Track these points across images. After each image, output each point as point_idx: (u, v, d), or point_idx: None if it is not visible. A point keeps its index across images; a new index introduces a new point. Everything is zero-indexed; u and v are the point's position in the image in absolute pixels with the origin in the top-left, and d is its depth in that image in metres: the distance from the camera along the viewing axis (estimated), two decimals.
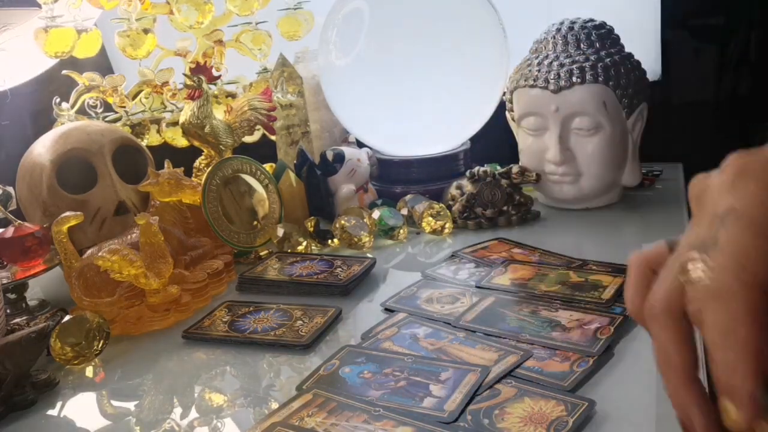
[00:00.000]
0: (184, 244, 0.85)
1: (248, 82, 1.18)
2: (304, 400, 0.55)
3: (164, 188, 0.85)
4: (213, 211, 0.89)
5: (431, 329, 0.66)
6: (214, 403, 0.60)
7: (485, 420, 0.50)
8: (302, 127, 1.10)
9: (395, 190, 1.08)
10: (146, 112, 1.15)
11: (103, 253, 0.73)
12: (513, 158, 1.03)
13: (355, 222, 0.93)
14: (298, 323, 0.70)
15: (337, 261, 0.85)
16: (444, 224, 0.95)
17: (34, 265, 0.81)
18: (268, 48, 1.18)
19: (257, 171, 0.95)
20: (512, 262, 0.80)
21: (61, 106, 1.05)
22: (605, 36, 0.97)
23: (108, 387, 0.65)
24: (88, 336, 0.69)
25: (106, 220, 0.89)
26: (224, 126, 0.97)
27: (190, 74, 0.95)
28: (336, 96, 1.11)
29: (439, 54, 1.00)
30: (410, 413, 0.52)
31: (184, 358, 0.69)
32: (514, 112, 1.01)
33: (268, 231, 0.94)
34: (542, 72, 0.95)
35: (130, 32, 1.06)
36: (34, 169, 0.89)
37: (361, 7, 1.03)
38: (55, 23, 1.01)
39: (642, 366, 0.57)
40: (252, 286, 0.83)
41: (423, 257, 0.90)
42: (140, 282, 0.74)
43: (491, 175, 0.98)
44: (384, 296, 0.75)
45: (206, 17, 1.09)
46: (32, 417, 0.61)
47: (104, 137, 0.91)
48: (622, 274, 0.72)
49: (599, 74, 0.92)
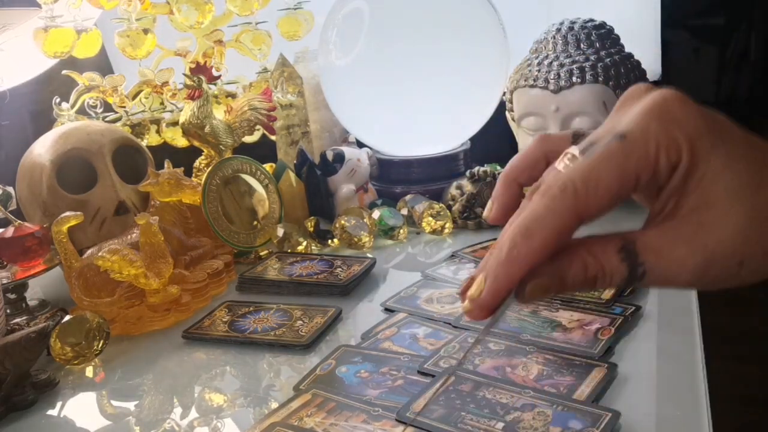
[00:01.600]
0: (184, 244, 0.85)
1: (248, 82, 1.18)
2: (303, 400, 0.55)
3: (164, 188, 0.85)
4: (213, 211, 0.89)
5: (431, 329, 0.66)
6: (214, 403, 0.60)
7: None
8: (302, 127, 1.10)
9: (395, 190, 1.08)
10: (146, 112, 1.15)
11: (103, 253, 0.73)
12: None
13: (355, 222, 0.93)
14: (298, 323, 0.70)
15: (337, 261, 0.85)
16: (444, 224, 0.95)
17: (34, 265, 0.81)
18: (268, 48, 1.18)
19: (257, 171, 0.95)
20: None
21: (61, 106, 1.05)
22: (605, 36, 0.97)
23: (108, 387, 0.65)
24: (88, 336, 0.69)
25: (106, 220, 0.89)
26: (224, 126, 0.97)
27: (190, 74, 0.95)
28: (336, 96, 1.11)
29: (439, 54, 1.00)
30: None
31: (184, 358, 0.69)
32: (514, 112, 1.01)
33: (268, 231, 0.94)
34: (542, 72, 0.95)
35: (130, 32, 1.06)
36: (34, 169, 0.89)
37: (361, 7, 1.03)
38: (55, 23, 1.00)
39: (642, 367, 0.57)
40: (252, 286, 0.83)
41: (423, 257, 0.90)
42: (140, 282, 0.74)
43: (491, 175, 0.98)
44: (384, 296, 0.75)
45: (206, 17, 1.09)
46: (32, 417, 0.61)
47: (104, 137, 0.91)
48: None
49: (599, 74, 0.92)
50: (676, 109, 0.26)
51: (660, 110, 0.26)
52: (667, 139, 0.26)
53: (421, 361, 0.59)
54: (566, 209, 0.27)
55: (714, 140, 0.27)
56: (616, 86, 0.93)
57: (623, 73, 0.94)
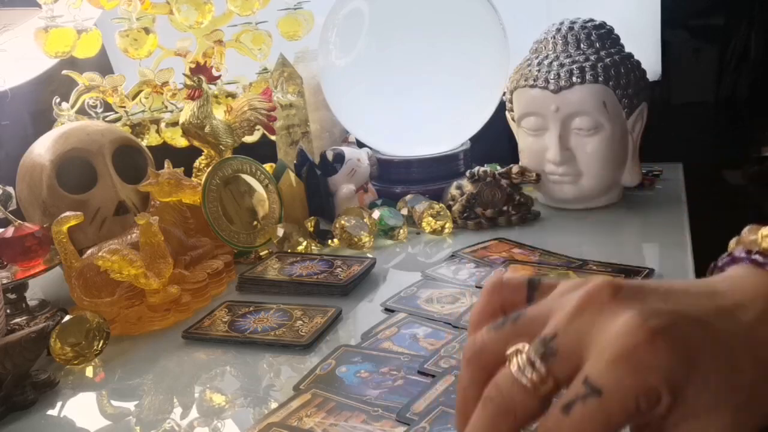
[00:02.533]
0: (184, 244, 0.85)
1: (248, 82, 1.18)
2: (302, 400, 0.55)
3: (164, 188, 0.85)
4: (213, 211, 0.89)
5: (431, 329, 0.66)
6: (214, 403, 0.60)
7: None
8: (302, 127, 1.10)
9: (395, 190, 1.08)
10: (146, 112, 1.15)
11: (103, 253, 0.73)
12: (513, 158, 1.03)
13: (355, 222, 0.93)
14: (298, 323, 0.70)
15: (337, 261, 0.85)
16: (444, 224, 0.95)
17: (34, 265, 0.81)
18: (268, 48, 1.18)
19: (257, 171, 0.95)
20: (512, 262, 0.80)
21: (61, 106, 1.05)
22: (605, 36, 0.97)
23: (108, 387, 0.65)
24: (88, 336, 0.69)
25: (106, 220, 0.89)
26: (224, 126, 0.97)
27: (190, 74, 0.95)
28: (336, 96, 1.11)
29: (439, 54, 1.00)
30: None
31: (184, 358, 0.69)
32: (514, 112, 1.01)
33: (268, 231, 0.94)
34: (542, 72, 0.95)
35: (131, 32, 1.06)
36: (34, 169, 0.89)
37: (361, 7, 1.03)
38: (55, 23, 1.00)
39: None
40: (252, 286, 0.83)
41: (423, 257, 0.90)
42: (140, 282, 0.74)
43: (491, 175, 0.98)
44: (384, 296, 0.76)
45: (206, 17, 1.09)
46: (32, 417, 0.61)
47: (104, 137, 0.91)
48: (622, 275, 0.72)
49: (599, 74, 0.92)
50: (648, 355, 0.26)
51: (630, 359, 0.26)
52: (645, 389, 0.26)
53: (421, 361, 0.59)
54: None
55: (688, 373, 0.27)
56: (616, 86, 0.93)
57: (623, 73, 0.94)
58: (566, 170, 0.96)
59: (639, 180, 0.99)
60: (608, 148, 0.94)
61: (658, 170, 1.11)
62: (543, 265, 0.79)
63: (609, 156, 0.95)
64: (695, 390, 0.27)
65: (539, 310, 0.29)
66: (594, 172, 0.95)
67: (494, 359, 0.29)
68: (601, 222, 0.95)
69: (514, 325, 0.29)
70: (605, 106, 0.92)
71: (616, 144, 0.95)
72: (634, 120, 0.96)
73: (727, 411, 0.27)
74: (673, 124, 1.14)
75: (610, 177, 0.97)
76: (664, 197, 1.03)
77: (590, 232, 0.93)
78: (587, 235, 0.92)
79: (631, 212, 0.98)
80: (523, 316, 0.29)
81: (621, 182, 0.99)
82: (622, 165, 0.97)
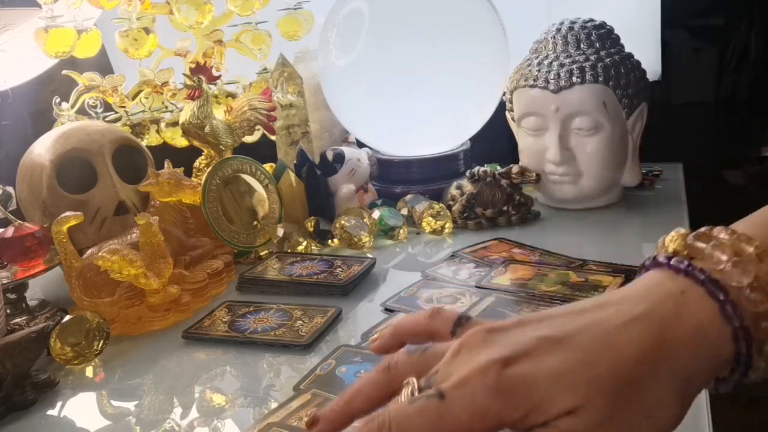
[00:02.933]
0: (184, 244, 0.85)
1: (248, 82, 1.18)
2: (302, 400, 0.55)
3: (164, 188, 0.85)
4: (213, 211, 0.89)
5: None
6: (214, 403, 0.60)
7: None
8: (302, 127, 1.10)
9: (395, 190, 1.08)
10: (146, 112, 1.15)
11: (103, 253, 0.73)
12: (513, 158, 1.03)
13: (355, 222, 0.93)
14: (298, 323, 0.70)
15: (337, 261, 0.85)
16: (444, 224, 0.95)
17: (34, 265, 0.81)
18: (268, 48, 1.18)
19: (257, 171, 0.95)
20: (512, 262, 0.80)
21: (61, 106, 1.05)
22: (605, 36, 0.97)
23: (108, 387, 0.65)
24: (88, 336, 0.69)
25: (106, 220, 0.89)
26: (224, 126, 0.97)
27: (190, 74, 0.95)
28: (336, 96, 1.11)
29: (439, 54, 1.00)
30: None
31: (184, 358, 0.69)
32: (514, 112, 1.01)
33: (268, 231, 0.94)
34: (542, 72, 0.95)
35: (131, 32, 1.06)
36: (34, 169, 0.89)
37: (361, 7, 1.03)
38: (55, 23, 1.00)
39: None
40: (252, 286, 0.83)
41: (423, 257, 0.90)
42: (140, 282, 0.74)
43: (491, 175, 0.98)
44: (384, 296, 0.76)
45: (206, 17, 1.09)
46: (32, 417, 0.61)
47: (104, 137, 0.91)
48: (622, 275, 0.72)
49: (599, 74, 0.92)
50: (480, 385, 0.30)
51: (470, 382, 0.30)
52: (477, 407, 0.29)
53: None
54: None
55: (530, 393, 0.30)
56: (616, 86, 0.93)
57: (623, 73, 0.94)
58: (566, 170, 0.96)
59: (639, 180, 0.99)
60: (608, 148, 0.94)
61: (658, 170, 1.11)
62: (543, 265, 0.79)
63: (609, 156, 0.95)
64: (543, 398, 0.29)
65: (442, 347, 0.34)
66: (594, 172, 0.95)
67: (398, 377, 0.34)
68: (601, 222, 0.95)
69: (422, 355, 0.35)
70: (605, 106, 0.92)
71: (616, 144, 0.95)
72: (634, 120, 0.96)
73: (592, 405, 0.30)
74: (673, 124, 1.14)
75: (610, 177, 0.97)
76: (664, 197, 1.03)
77: (590, 232, 0.93)
78: (587, 235, 0.92)
79: (631, 212, 0.98)
80: (431, 349, 0.35)
81: (621, 182, 0.99)
82: (622, 165, 0.97)
